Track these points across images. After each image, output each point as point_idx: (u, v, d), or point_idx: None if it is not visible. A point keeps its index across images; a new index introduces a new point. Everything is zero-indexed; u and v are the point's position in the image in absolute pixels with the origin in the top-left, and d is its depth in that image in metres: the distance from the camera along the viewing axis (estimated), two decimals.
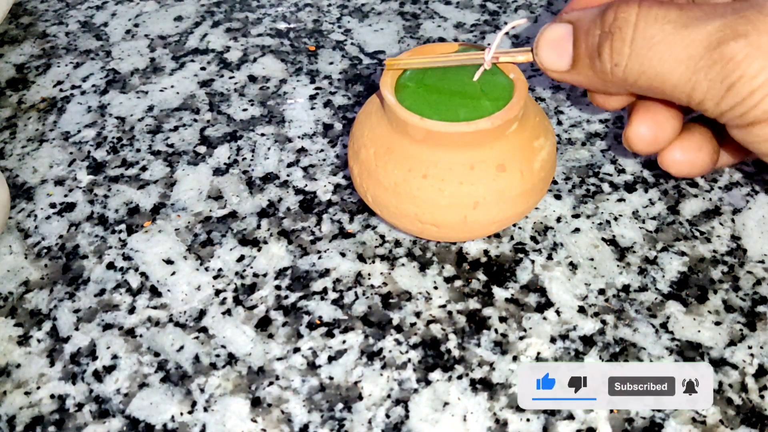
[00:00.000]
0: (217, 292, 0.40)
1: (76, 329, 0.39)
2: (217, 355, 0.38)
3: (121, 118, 0.50)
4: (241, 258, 0.41)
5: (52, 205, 0.45)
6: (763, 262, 0.40)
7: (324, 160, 0.46)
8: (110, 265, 0.42)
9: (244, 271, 0.41)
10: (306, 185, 0.45)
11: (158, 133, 0.49)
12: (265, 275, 0.41)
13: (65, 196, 0.45)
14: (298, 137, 0.47)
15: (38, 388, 0.37)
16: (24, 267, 0.42)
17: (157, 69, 0.53)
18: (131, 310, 0.40)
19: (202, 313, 0.39)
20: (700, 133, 0.35)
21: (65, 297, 0.40)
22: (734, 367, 0.36)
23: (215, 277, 0.41)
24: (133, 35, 0.57)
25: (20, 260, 0.42)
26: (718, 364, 0.36)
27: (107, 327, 0.39)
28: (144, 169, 0.46)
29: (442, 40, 0.54)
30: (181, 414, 0.36)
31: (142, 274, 0.41)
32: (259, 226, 0.43)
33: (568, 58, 0.33)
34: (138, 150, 0.48)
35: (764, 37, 0.27)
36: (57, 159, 0.48)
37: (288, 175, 0.45)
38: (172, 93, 0.51)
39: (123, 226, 0.43)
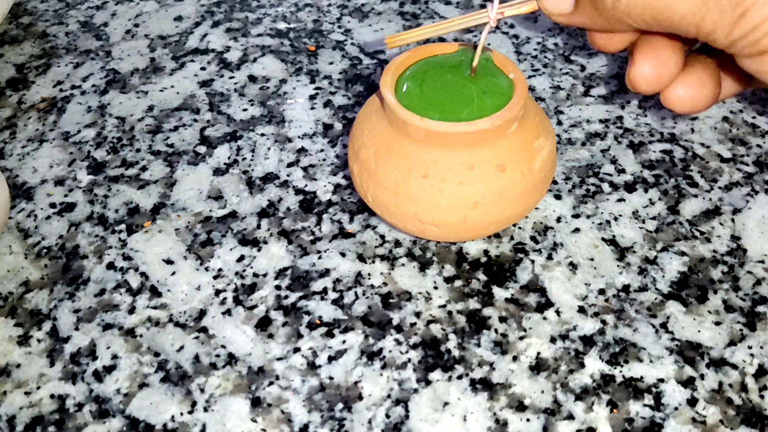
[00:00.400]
0: (217, 292, 0.40)
1: (76, 329, 0.39)
2: (217, 355, 0.38)
3: (121, 118, 0.50)
4: (241, 258, 0.41)
5: (52, 205, 0.45)
6: (763, 262, 0.40)
7: (324, 160, 0.46)
8: (110, 265, 0.42)
9: (244, 271, 0.41)
10: (306, 185, 0.45)
11: (158, 133, 0.49)
12: (265, 275, 0.41)
13: (65, 196, 0.45)
14: (298, 137, 0.47)
15: (38, 388, 0.37)
16: (24, 267, 0.42)
17: (157, 69, 0.53)
18: (131, 310, 0.40)
19: (202, 313, 0.39)
20: (702, 67, 0.34)
21: (65, 297, 0.40)
22: (734, 367, 0.36)
23: (215, 277, 0.41)
24: (133, 35, 0.57)
25: (20, 260, 0.42)
26: (718, 364, 0.36)
27: (107, 327, 0.39)
28: (144, 169, 0.46)
29: (442, 40, 0.54)
30: (181, 414, 0.36)
31: (142, 274, 0.41)
32: (259, 226, 0.43)
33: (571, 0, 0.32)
34: (138, 150, 0.48)
35: None
36: (57, 159, 0.48)
37: (288, 175, 0.45)
38: (172, 93, 0.51)
39: (123, 226, 0.43)
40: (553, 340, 0.37)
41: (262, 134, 0.48)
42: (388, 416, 0.35)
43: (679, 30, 0.29)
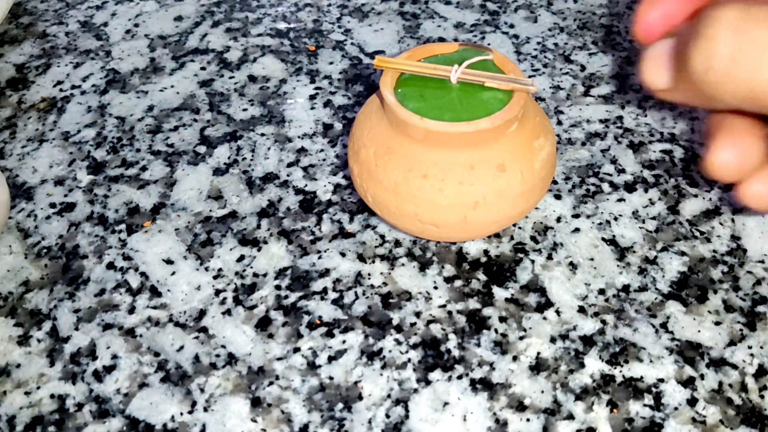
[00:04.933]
0: (217, 292, 0.40)
1: (76, 329, 0.39)
2: (217, 355, 0.38)
3: (121, 118, 0.50)
4: (241, 258, 0.41)
5: (52, 205, 0.45)
6: (763, 262, 0.40)
7: (324, 160, 0.46)
8: (110, 265, 0.42)
9: (244, 271, 0.41)
10: (306, 185, 0.45)
11: (158, 133, 0.49)
12: (265, 275, 0.41)
13: (65, 196, 0.45)
14: (298, 137, 0.47)
15: (38, 388, 0.37)
16: (24, 267, 0.42)
17: (157, 69, 0.53)
18: (131, 310, 0.40)
19: (202, 313, 0.39)
20: None
21: (65, 297, 0.40)
22: (734, 367, 0.36)
23: (215, 277, 0.41)
24: (133, 35, 0.57)
25: (20, 260, 0.42)
26: (718, 364, 0.36)
27: (107, 327, 0.39)
28: (144, 169, 0.46)
29: (442, 39, 0.54)
30: (181, 414, 0.36)
31: (142, 274, 0.41)
32: (259, 226, 0.43)
33: (668, 74, 0.30)
34: (138, 150, 0.48)
35: None
36: (57, 159, 0.48)
37: (288, 175, 0.45)
38: (172, 93, 0.51)
39: (123, 226, 0.43)
40: (553, 340, 0.37)
41: (262, 134, 0.48)
42: (388, 416, 0.35)
43: None
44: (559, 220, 0.42)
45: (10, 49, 0.57)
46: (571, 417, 0.34)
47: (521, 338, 0.37)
